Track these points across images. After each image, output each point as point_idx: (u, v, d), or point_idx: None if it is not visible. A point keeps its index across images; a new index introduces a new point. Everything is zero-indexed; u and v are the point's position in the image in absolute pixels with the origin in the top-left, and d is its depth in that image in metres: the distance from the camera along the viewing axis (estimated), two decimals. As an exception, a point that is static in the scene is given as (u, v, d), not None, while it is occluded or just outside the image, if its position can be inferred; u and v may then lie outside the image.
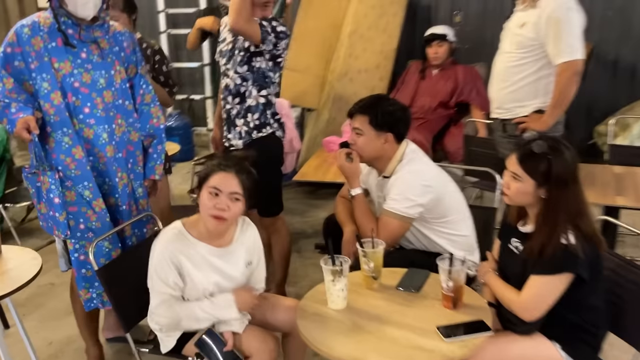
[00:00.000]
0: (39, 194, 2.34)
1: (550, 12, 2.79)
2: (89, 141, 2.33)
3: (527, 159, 1.84)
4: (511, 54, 2.98)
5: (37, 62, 2.25)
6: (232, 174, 1.97)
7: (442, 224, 2.41)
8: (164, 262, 1.99)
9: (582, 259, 1.77)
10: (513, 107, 3.02)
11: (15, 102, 2.23)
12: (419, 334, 1.78)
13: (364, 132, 2.38)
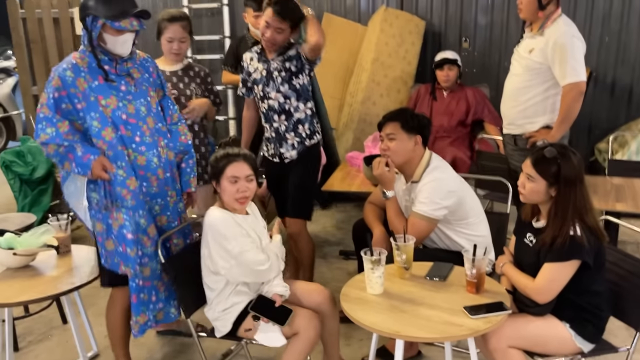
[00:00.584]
0: (109, 231, 2.44)
1: (556, 39, 3.11)
2: (142, 167, 2.46)
3: (539, 162, 2.16)
4: (521, 76, 3.29)
5: (85, 103, 2.37)
6: (241, 161, 2.41)
7: (463, 225, 2.71)
8: (234, 228, 2.38)
9: (587, 248, 2.07)
10: (523, 123, 3.32)
11: (76, 143, 2.35)
12: (449, 313, 2.07)
13: (396, 136, 2.68)
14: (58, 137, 2.34)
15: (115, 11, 2.28)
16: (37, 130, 2.37)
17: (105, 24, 2.30)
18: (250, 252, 2.36)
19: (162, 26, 3.17)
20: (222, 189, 2.42)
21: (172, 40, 3.17)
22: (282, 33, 3.02)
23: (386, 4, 5.65)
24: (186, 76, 3.28)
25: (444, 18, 5.57)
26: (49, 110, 2.34)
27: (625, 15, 5.11)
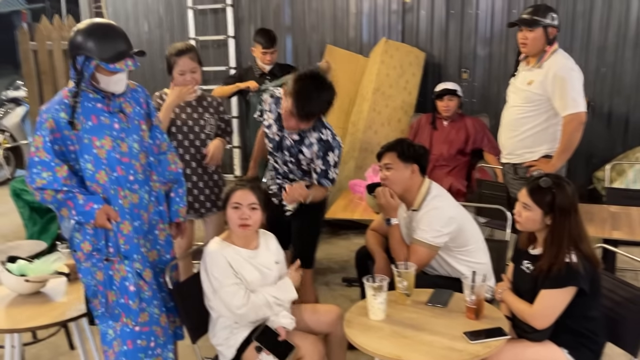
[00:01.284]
0: (110, 283, 2.36)
1: (556, 72, 3.22)
2: (136, 205, 2.40)
3: (535, 192, 2.23)
4: (520, 107, 3.38)
5: (78, 145, 2.28)
6: (247, 189, 2.46)
7: (463, 252, 2.77)
8: (222, 264, 2.40)
9: (583, 275, 2.13)
10: (523, 152, 3.41)
11: (74, 189, 2.27)
12: (449, 339, 2.12)
13: (393, 165, 2.76)
14: (56, 181, 2.25)
15: (111, 53, 2.20)
16: (32, 174, 2.26)
17: (99, 65, 2.21)
18: (228, 292, 2.37)
19: (172, 61, 3.22)
20: (228, 217, 2.48)
21: (183, 73, 3.21)
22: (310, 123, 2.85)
23: (388, 36, 5.79)
24: (200, 106, 3.34)
25: (444, 50, 5.70)
26: (47, 154, 2.25)
27: (620, 47, 5.23)
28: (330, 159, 2.87)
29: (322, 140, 2.85)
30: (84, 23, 2.31)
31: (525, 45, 3.32)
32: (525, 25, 3.28)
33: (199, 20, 6.44)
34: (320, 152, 2.85)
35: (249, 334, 2.43)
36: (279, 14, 6.16)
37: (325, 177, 2.90)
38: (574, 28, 5.31)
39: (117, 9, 6.83)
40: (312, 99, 2.70)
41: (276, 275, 2.54)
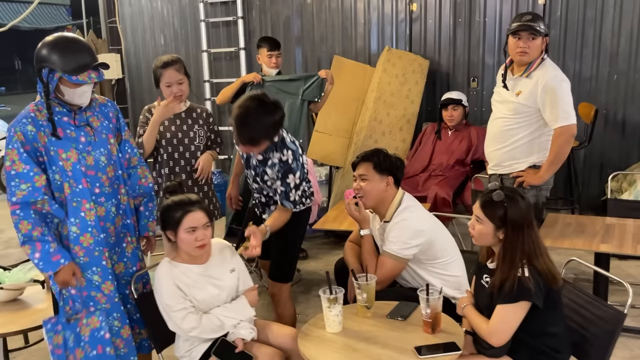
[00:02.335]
0: (77, 341, 2.35)
1: (546, 83, 3.09)
2: (101, 218, 2.41)
3: (487, 205, 2.17)
4: (508, 119, 3.26)
5: (46, 157, 2.31)
6: (198, 210, 2.40)
7: (435, 264, 2.71)
8: (171, 288, 2.38)
9: (534, 290, 2.06)
10: (510, 164, 3.30)
11: (49, 236, 2.27)
12: (399, 352, 2.07)
13: (368, 177, 2.72)
14: (36, 191, 2.26)
15: (73, 65, 2.22)
16: (11, 188, 2.25)
17: (63, 77, 2.24)
18: (177, 315, 2.34)
19: (158, 73, 3.21)
20: (180, 240, 2.40)
21: (170, 85, 3.20)
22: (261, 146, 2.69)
23: (395, 45, 5.77)
24: (189, 118, 3.34)
25: (452, 58, 5.65)
26: (24, 165, 2.26)
27: (633, 54, 5.07)
28: (290, 180, 2.75)
29: (281, 161, 2.73)
30: (50, 37, 2.35)
31: (526, 54, 3.16)
32: (529, 32, 3.12)
33: (212, 32, 6.55)
34: (279, 174, 2.74)
35: (209, 346, 2.43)
36: (289, 26, 6.22)
37: (286, 199, 2.78)
38: (584, 34, 5.19)
39: (134, 23, 7.02)
40: (251, 125, 2.58)
41: (233, 285, 2.53)
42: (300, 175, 2.77)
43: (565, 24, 5.21)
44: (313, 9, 6.11)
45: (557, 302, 2.17)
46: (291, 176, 2.75)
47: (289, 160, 2.72)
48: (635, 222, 3.42)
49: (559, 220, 3.53)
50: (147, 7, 6.93)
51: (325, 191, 5.42)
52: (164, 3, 6.85)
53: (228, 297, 2.51)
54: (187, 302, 2.38)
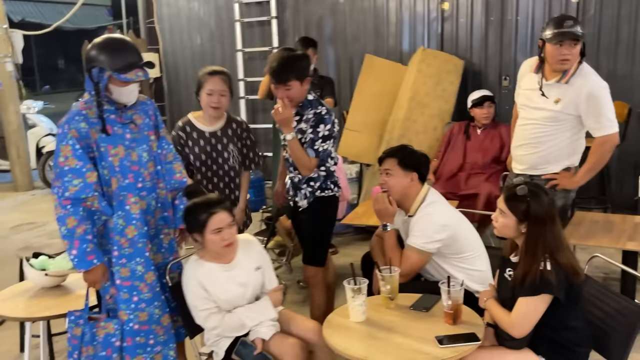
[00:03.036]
0: (92, 339, 2.48)
1: (590, 91, 3.01)
2: (143, 211, 2.52)
3: (511, 199, 2.22)
4: (542, 125, 3.15)
5: (97, 153, 2.42)
6: (221, 210, 2.47)
7: (459, 259, 2.76)
8: (196, 288, 2.48)
9: (556, 284, 2.10)
10: (544, 167, 3.21)
11: (91, 234, 2.37)
12: (420, 342, 2.14)
13: (393, 172, 2.79)
14: (87, 187, 2.36)
15: (122, 64, 2.34)
16: (64, 183, 2.35)
17: (112, 75, 2.35)
18: (200, 314, 2.46)
19: (202, 80, 3.11)
20: (207, 241, 2.47)
21: (212, 93, 3.09)
22: (292, 89, 2.92)
23: (427, 44, 5.80)
24: (225, 136, 3.21)
25: (484, 57, 5.66)
26: (78, 161, 2.35)
27: (669, 52, 4.99)
28: (320, 130, 2.93)
29: (315, 114, 2.96)
30: (99, 38, 2.49)
31: (568, 61, 3.03)
32: (571, 39, 2.99)
33: (246, 32, 6.70)
34: (313, 123, 2.95)
35: (232, 342, 2.52)
36: (322, 26, 6.31)
37: (311, 147, 2.94)
38: (619, 32, 5.13)
39: (172, 24, 7.22)
40: (285, 65, 2.91)
41: (258, 283, 2.61)
42: (330, 127, 2.96)
43: (599, 21, 5.17)
44: (346, 9, 6.19)
45: (578, 296, 2.20)
46: (322, 126, 2.94)
47: (322, 112, 2.97)
48: (665, 220, 3.40)
49: (586, 218, 3.53)
50: (184, 7, 7.11)
51: (355, 188, 5.49)
52: (200, 4, 7.03)
53: (253, 295, 2.60)
54: (210, 302, 2.48)
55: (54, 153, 2.52)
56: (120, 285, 2.51)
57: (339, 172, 4.36)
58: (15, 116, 7.76)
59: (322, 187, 3.09)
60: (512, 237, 2.28)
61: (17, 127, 7.79)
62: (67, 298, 2.81)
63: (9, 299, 2.83)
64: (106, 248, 2.52)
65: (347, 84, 6.22)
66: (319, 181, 3.09)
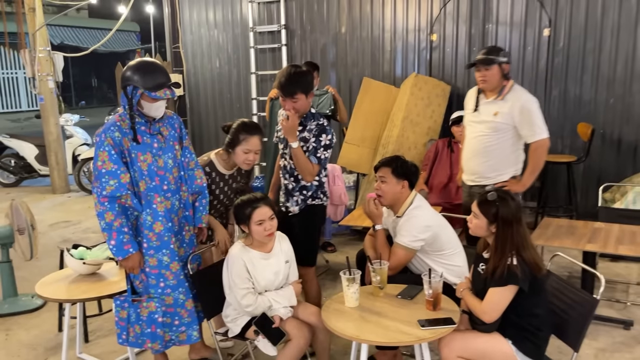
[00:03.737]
0: (137, 319, 2.60)
1: (522, 105, 3.24)
2: (168, 210, 2.62)
3: (482, 204, 2.32)
4: (487, 136, 3.36)
5: (129, 159, 2.52)
6: (263, 205, 2.60)
7: (440, 255, 2.85)
8: (241, 269, 2.59)
9: (521, 276, 2.19)
10: (494, 175, 3.39)
11: (126, 227, 2.47)
12: (405, 324, 2.23)
13: (387, 179, 2.87)
14: (122, 187, 2.47)
15: (153, 83, 2.46)
16: (101, 184, 2.45)
17: (144, 93, 2.47)
18: (240, 291, 2.56)
19: (241, 138, 2.96)
20: (252, 231, 2.61)
21: (248, 152, 2.97)
22: (298, 101, 2.96)
23: (417, 70, 5.92)
24: (239, 175, 3.20)
25: (467, 82, 5.76)
26: (113, 164, 2.46)
27: (628, 80, 5.10)
28: (322, 139, 2.98)
29: (319, 124, 3.02)
30: (133, 61, 2.60)
31: (485, 82, 3.32)
32: (482, 64, 3.29)
33: (259, 57, 6.82)
34: (315, 132, 2.99)
35: (251, 317, 2.63)
36: (325, 52, 6.43)
37: (314, 155, 2.97)
38: (584, 62, 5.24)
39: (195, 49, 7.35)
40: (292, 80, 2.93)
41: (285, 273, 2.72)
42: (330, 138, 3.01)
43: (567, 53, 5.28)
44: (346, 38, 6.31)
45: (541, 288, 2.29)
46: (324, 135, 2.99)
47: (324, 124, 3.03)
48: (621, 226, 3.49)
49: (553, 223, 3.62)
50: (206, 35, 7.25)
51: (352, 195, 5.58)
52: (219, 32, 7.16)
53: (280, 283, 2.71)
54: (249, 282, 2.59)
55: (88, 160, 2.62)
56: (149, 273, 2.61)
57: (338, 179, 4.49)
58: (55, 127, 7.88)
59: (313, 196, 3.11)
60: (484, 237, 2.37)
61: (57, 137, 7.91)
62: (101, 284, 2.91)
63: (51, 284, 2.93)
64: (137, 240, 2.60)
65: (347, 103, 6.29)
66: (311, 190, 3.11)
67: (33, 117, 11.81)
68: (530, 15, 5.35)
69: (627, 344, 3.18)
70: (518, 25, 5.43)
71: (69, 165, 8.13)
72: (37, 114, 8.19)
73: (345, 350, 3.18)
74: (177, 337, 2.69)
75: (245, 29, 6.89)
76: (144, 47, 21.16)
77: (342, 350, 3.14)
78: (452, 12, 5.70)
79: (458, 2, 5.64)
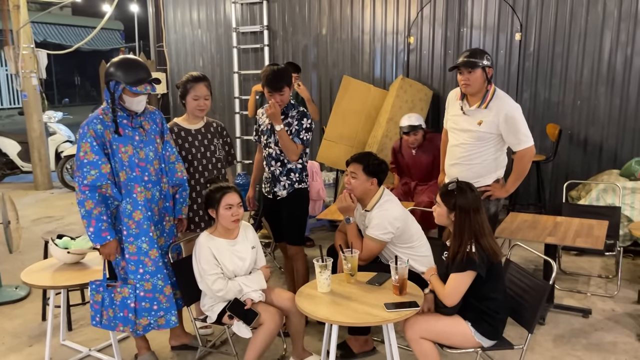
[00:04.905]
0: (111, 303, 2.70)
1: (507, 113, 3.14)
2: (149, 200, 2.73)
3: (443, 194, 2.49)
4: (470, 145, 3.28)
5: (110, 150, 2.63)
6: (232, 192, 2.76)
7: (408, 247, 3.00)
8: (208, 255, 2.72)
9: (479, 262, 2.36)
10: (477, 180, 3.29)
11: (105, 215, 2.58)
12: (372, 307, 2.38)
13: (357, 176, 3.00)
14: (102, 176, 2.59)
15: (134, 78, 2.59)
16: (83, 173, 2.57)
17: (126, 88, 2.61)
18: (210, 277, 2.69)
19: (188, 86, 3.17)
20: (220, 215, 2.74)
21: (197, 98, 3.17)
22: (284, 94, 3.23)
23: (394, 71, 6.09)
24: (208, 132, 3.29)
25: (442, 83, 5.96)
26: (94, 155, 2.58)
27: (594, 83, 5.32)
28: (304, 122, 3.27)
29: (299, 111, 3.32)
30: (116, 58, 2.72)
31: (468, 86, 3.19)
32: (465, 67, 3.16)
33: (242, 57, 6.93)
34: (298, 117, 3.29)
35: (226, 304, 2.76)
36: (306, 53, 6.57)
37: (297, 137, 3.26)
38: (553, 66, 5.45)
39: (179, 48, 7.44)
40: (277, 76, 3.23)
41: (252, 258, 2.86)
42: (310, 122, 3.31)
43: (537, 57, 5.48)
44: (327, 39, 6.46)
45: (498, 274, 2.46)
46: (305, 119, 3.29)
47: (304, 111, 3.34)
48: (581, 220, 3.68)
49: (518, 218, 3.80)
50: (189, 34, 7.34)
51: (331, 192, 5.73)
52: (203, 31, 7.25)
53: (249, 268, 2.85)
54: (218, 268, 2.72)
55: (71, 157, 2.74)
56: (128, 259, 2.72)
57: (317, 175, 4.63)
58: (38, 124, 7.91)
59: (299, 180, 3.36)
60: (446, 225, 2.54)
61: (40, 134, 7.94)
62: (85, 272, 3.01)
63: (36, 272, 3.03)
64: (117, 228, 2.72)
65: (327, 102, 6.47)
66: (297, 172, 3.36)
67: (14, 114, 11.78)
68: (503, 20, 5.55)
69: (584, 330, 3.38)
70: (491, 30, 5.62)
71: (51, 162, 8.16)
72: (20, 110, 8.21)
73: (320, 337, 3.33)
74: (156, 322, 2.80)
75: (228, 29, 7.00)
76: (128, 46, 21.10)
77: (317, 337, 3.28)
78: (428, 16, 5.88)
79: (434, 6, 5.83)
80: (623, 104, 5.25)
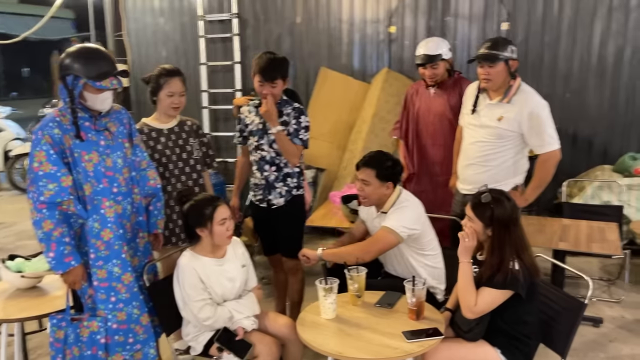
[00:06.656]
0: (76, 340, 2.31)
1: (532, 110, 2.85)
2: (119, 215, 2.35)
3: (476, 207, 2.19)
4: (489, 143, 2.97)
5: (71, 158, 2.25)
6: (223, 204, 2.41)
7: (422, 255, 2.69)
8: (193, 278, 2.35)
9: (522, 282, 2.07)
10: (494, 186, 3.10)
11: (68, 237, 2.20)
12: (389, 337, 2.08)
13: (370, 182, 2.66)
14: (63, 191, 2.19)
15: (97, 72, 2.19)
16: (38, 188, 2.17)
17: (87, 83, 2.20)
18: (195, 304, 2.32)
19: (161, 82, 2.84)
20: (214, 233, 2.35)
21: (172, 95, 2.86)
22: (277, 87, 2.90)
23: (376, 63, 5.80)
24: (183, 132, 2.99)
25: (425, 76, 5.67)
26: (52, 166, 2.19)
27: (584, 76, 5.17)
28: (302, 120, 2.97)
29: (295, 108, 3.01)
30: (73, 47, 2.30)
31: (489, 81, 2.90)
32: (485, 60, 2.87)
33: (210, 47, 6.49)
34: (295, 115, 2.98)
35: (214, 333, 2.40)
36: (280, 43, 6.19)
37: (296, 137, 2.96)
38: (543, 57, 5.26)
39: (139, 38, 6.93)
40: (273, 65, 2.89)
41: (243, 279, 2.51)
42: (308, 120, 3.01)
43: (526, 47, 5.28)
44: (302, 29, 6.09)
45: (535, 293, 2.19)
46: (303, 117, 2.98)
47: (300, 107, 3.03)
48: (588, 223, 3.50)
49: (522, 221, 3.56)
50: (151, 23, 6.84)
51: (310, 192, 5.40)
52: (166, 20, 6.77)
53: (239, 290, 2.50)
54: (205, 293, 2.36)
55: (22, 156, 2.33)
56: (97, 287, 2.33)
57: (302, 176, 4.26)
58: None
59: (297, 185, 3.08)
60: (480, 240, 2.24)
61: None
62: (43, 299, 2.60)
63: (-17, 301, 2.59)
64: (83, 250, 2.33)
65: (303, 95, 6.09)
66: (295, 177, 3.06)
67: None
68: (489, 9, 5.32)
69: (599, 342, 3.18)
70: (477, 19, 5.38)
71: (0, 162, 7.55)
72: (-37, 106, 7.55)
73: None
74: (132, 357, 2.43)
75: (193, 17, 6.54)
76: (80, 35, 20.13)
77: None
78: (411, 4, 5.59)
79: (417, -7, 5.55)
80: (613, 96, 5.10)
